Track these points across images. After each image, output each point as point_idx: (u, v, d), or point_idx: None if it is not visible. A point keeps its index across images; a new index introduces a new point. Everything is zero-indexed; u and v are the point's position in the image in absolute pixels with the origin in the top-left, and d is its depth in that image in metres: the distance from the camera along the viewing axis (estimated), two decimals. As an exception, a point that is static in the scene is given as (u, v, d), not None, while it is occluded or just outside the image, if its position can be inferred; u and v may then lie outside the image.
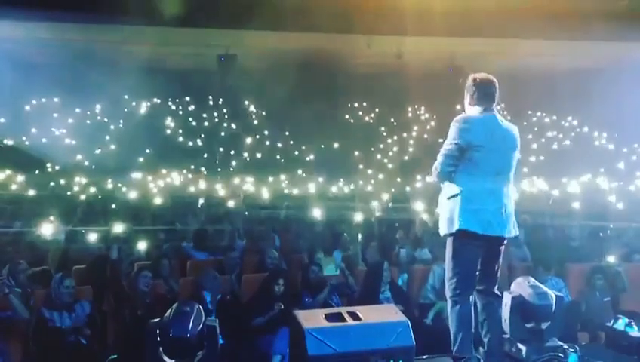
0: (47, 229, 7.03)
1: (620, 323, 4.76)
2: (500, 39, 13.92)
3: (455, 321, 3.89)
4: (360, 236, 9.11)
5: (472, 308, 3.96)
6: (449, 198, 3.87)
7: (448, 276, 3.95)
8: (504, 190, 3.87)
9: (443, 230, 3.94)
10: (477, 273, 3.95)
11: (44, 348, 5.06)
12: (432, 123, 21.68)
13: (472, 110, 3.92)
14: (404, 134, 21.39)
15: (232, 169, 18.58)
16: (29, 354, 5.08)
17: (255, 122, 21.95)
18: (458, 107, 18.90)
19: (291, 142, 20.47)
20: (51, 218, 8.34)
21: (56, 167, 17.37)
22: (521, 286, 4.49)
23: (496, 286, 4.08)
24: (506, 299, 4.35)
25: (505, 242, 3.97)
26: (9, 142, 17.90)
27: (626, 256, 7.39)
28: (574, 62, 16.17)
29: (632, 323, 4.72)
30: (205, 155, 19.62)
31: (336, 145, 20.09)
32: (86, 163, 17.84)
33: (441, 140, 4.04)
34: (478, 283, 3.99)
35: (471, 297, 3.93)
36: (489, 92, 3.89)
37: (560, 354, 4.26)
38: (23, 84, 16.42)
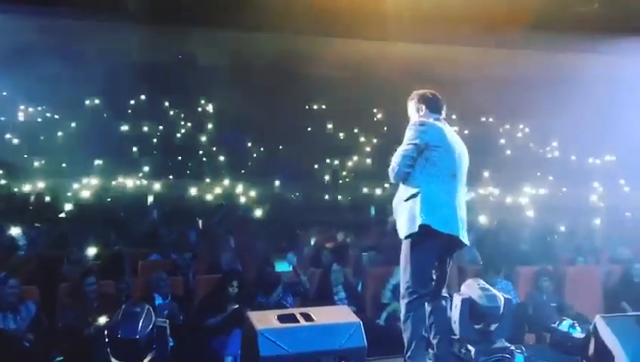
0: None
1: (565, 325, 4.91)
2: (453, 46, 14.19)
3: (410, 326, 3.89)
4: (315, 238, 9.16)
5: (424, 309, 3.98)
6: (407, 199, 3.89)
7: (405, 279, 3.93)
8: (458, 194, 3.94)
9: (403, 231, 3.92)
10: (431, 277, 3.98)
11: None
12: (389, 128, 21.93)
13: (423, 118, 4.04)
14: (362, 139, 21.56)
15: (188, 170, 18.39)
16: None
17: (211, 123, 21.74)
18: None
19: (249, 144, 20.38)
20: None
21: (6, 169, 16.82)
22: (471, 288, 4.58)
23: (445, 286, 4.12)
24: (456, 301, 4.43)
25: (461, 245, 4.01)
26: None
27: (571, 260, 7.64)
28: (520, 71, 16.57)
29: (576, 325, 4.88)
30: (161, 156, 19.33)
31: (294, 147, 20.09)
32: (36, 163, 17.34)
33: (397, 146, 4.08)
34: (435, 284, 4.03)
35: (426, 299, 3.95)
36: (438, 104, 4.07)
37: (507, 355, 4.35)
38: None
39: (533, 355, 4.47)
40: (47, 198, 12.95)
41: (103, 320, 4.00)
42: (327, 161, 20.17)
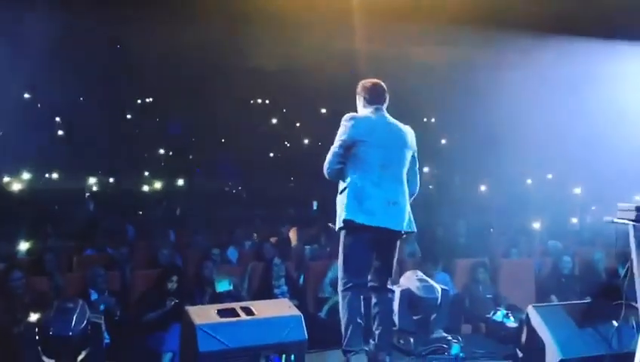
0: None
1: (499, 315, 5.09)
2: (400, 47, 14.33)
3: (345, 315, 3.93)
4: (256, 232, 9.11)
5: (363, 302, 3.99)
6: (340, 194, 3.97)
7: (340, 269, 4.01)
8: (392, 184, 3.94)
9: (336, 225, 4.00)
10: (368, 267, 4.00)
11: None
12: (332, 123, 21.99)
13: (364, 111, 4.08)
14: (304, 134, 21.61)
15: (129, 165, 17.94)
16: None
17: (152, 116, 21.28)
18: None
19: (193, 139, 20.07)
20: None
21: None
22: (410, 279, 4.67)
23: (390, 282, 4.16)
24: (395, 292, 4.51)
25: (396, 236, 4.00)
26: None
27: (506, 252, 7.89)
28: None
29: (509, 315, 5.06)
30: (97, 150, 18.74)
31: (237, 141, 19.92)
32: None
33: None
34: (373, 279, 4.04)
35: (361, 291, 3.96)
36: (377, 94, 4.07)
37: (444, 345, 4.48)
38: None
39: (469, 344, 4.60)
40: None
41: (34, 317, 3.83)
42: (271, 155, 20.13)
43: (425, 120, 22.48)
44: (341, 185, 3.97)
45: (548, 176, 17.77)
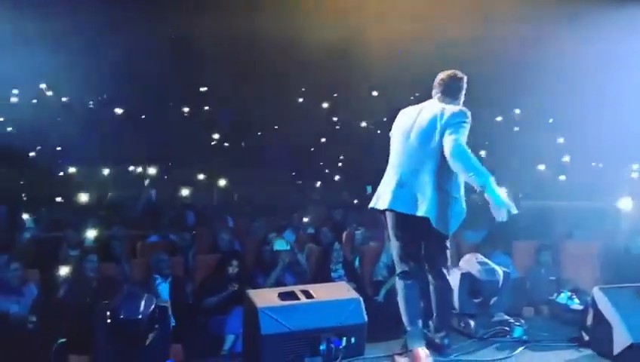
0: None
1: (563, 297, 4.96)
2: (451, 23, 14.02)
3: (400, 300, 3.96)
4: (314, 217, 9.18)
5: (420, 285, 3.98)
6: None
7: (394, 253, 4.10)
8: (406, 168, 3.84)
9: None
10: (410, 253, 3.93)
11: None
12: (386, 108, 21.82)
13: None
14: (357, 118, 21.48)
15: (183, 153, 18.33)
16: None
17: (204, 105, 21.63)
18: (412, 98, 19.16)
19: (243, 126, 20.30)
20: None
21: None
22: (470, 262, 4.62)
23: (438, 262, 3.97)
24: (455, 275, 4.47)
25: (415, 220, 3.76)
26: None
27: (568, 234, 7.67)
28: (521, 48, 16.41)
29: (574, 297, 4.93)
30: (154, 138, 19.24)
31: (288, 129, 20.02)
32: (32, 153, 17.24)
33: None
34: (424, 262, 4.00)
35: (412, 277, 3.93)
36: (446, 87, 3.96)
37: (506, 328, 4.42)
38: None
39: (531, 327, 4.52)
40: (45, 183, 12.94)
41: (104, 301, 4.00)
42: (323, 140, 20.13)
43: (479, 97, 21.93)
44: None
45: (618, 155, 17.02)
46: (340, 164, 18.29)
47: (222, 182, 14.18)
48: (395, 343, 4.17)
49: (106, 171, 15.60)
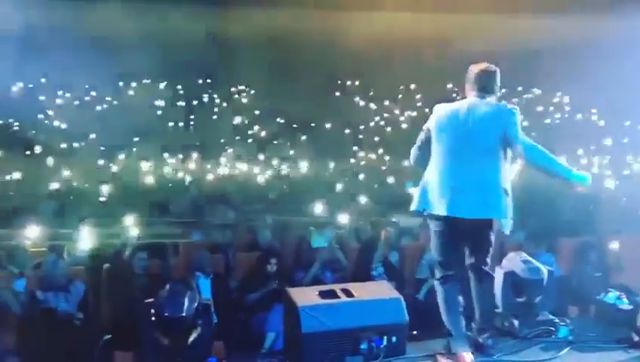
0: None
1: (611, 296, 4.82)
2: (488, 14, 13.84)
3: (441, 304, 3.91)
4: (351, 214, 9.13)
5: (460, 285, 3.93)
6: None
7: (433, 256, 4.03)
8: (460, 170, 3.73)
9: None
10: (455, 257, 3.90)
11: (39, 330, 5.06)
12: (423, 101, 21.64)
13: (468, 96, 3.93)
14: (396, 112, 21.36)
15: (222, 149, 18.53)
16: (23, 336, 5.07)
17: (244, 101, 21.83)
18: (449, 85, 19.03)
19: (282, 122, 20.40)
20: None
21: (45, 150, 17.26)
22: (513, 261, 4.53)
23: (485, 262, 3.96)
24: (498, 274, 4.39)
25: (472, 223, 3.74)
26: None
27: (616, 230, 7.45)
28: (562, 36, 16.05)
29: (622, 296, 4.78)
30: (195, 135, 19.54)
31: (328, 124, 20.05)
32: (75, 145, 17.72)
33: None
34: (467, 259, 3.95)
35: (453, 281, 3.88)
36: (480, 81, 3.86)
37: (551, 328, 4.32)
38: (9, 66, 16.22)
39: (577, 327, 4.40)
40: (88, 182, 13.25)
41: (148, 298, 4.08)
42: (360, 136, 20.07)
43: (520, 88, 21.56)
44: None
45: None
46: (373, 157, 18.20)
47: (260, 179, 14.28)
48: (436, 343, 4.12)
49: (148, 168, 15.88)
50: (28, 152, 17.33)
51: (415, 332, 4.31)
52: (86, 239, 6.75)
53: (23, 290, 5.42)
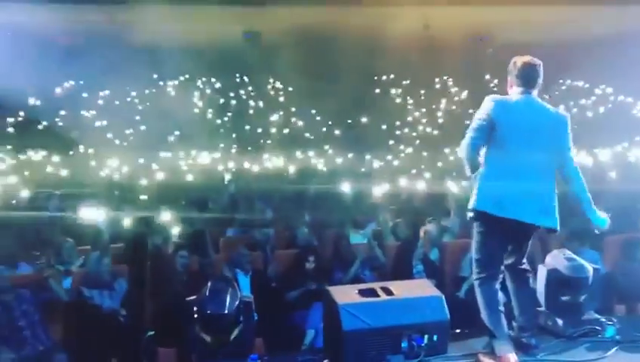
0: (88, 211, 7.16)
1: (660, 294, 4.68)
2: (528, 6, 13.58)
3: (481, 304, 3.84)
4: (390, 211, 9.09)
5: (499, 286, 3.86)
6: (474, 178, 3.77)
7: (473, 256, 3.90)
8: (529, 173, 3.68)
9: (468, 208, 3.86)
10: (500, 258, 3.84)
11: (84, 325, 5.19)
12: (461, 95, 21.38)
13: (511, 91, 3.86)
14: (433, 107, 21.15)
15: (259, 147, 18.66)
16: (69, 332, 5.22)
17: (281, 99, 21.92)
18: (488, 77, 18.70)
19: (318, 118, 20.43)
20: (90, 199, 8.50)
21: (89, 149, 17.71)
22: (557, 258, 4.44)
23: (522, 262, 3.94)
24: (541, 272, 4.31)
25: (531, 228, 3.77)
26: (43, 124, 18.33)
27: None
28: (604, 27, 15.63)
29: (672, 294, 4.64)
30: (233, 134, 19.74)
31: (364, 120, 20.01)
32: (117, 143, 18.11)
33: (471, 111, 3.97)
34: (506, 259, 3.89)
35: (495, 280, 3.82)
36: (527, 75, 3.79)
37: (597, 327, 4.22)
38: (53, 67, 16.64)
39: (625, 326, 4.28)
40: (129, 180, 13.52)
41: (190, 295, 4.15)
42: (397, 133, 19.94)
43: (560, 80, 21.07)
44: (479, 170, 3.76)
45: None
46: (409, 151, 18.05)
47: (297, 176, 14.32)
48: (478, 341, 4.07)
49: (187, 165, 16.12)
50: (71, 152, 17.84)
51: (457, 331, 4.26)
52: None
53: (69, 287, 5.58)
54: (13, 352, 4.56)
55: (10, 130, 18.37)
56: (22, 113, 18.52)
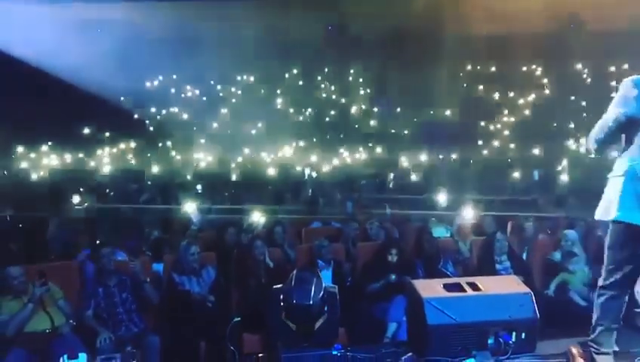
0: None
1: None
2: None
3: (598, 310, 3.51)
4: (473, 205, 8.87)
5: (626, 299, 3.47)
6: (612, 178, 3.33)
7: (604, 263, 3.48)
8: None
9: (597, 214, 3.43)
10: (633, 270, 3.37)
11: (175, 309, 5.41)
12: (552, 84, 20.53)
13: None
14: (521, 101, 20.47)
15: (341, 141, 18.75)
16: (161, 316, 5.45)
17: (365, 91, 21.91)
18: (579, 66, 17.80)
19: (398, 110, 20.26)
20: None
21: (176, 143, 18.44)
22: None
23: None
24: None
25: None
26: (134, 117, 19.27)
27: None
28: None
29: None
30: (315, 127, 19.95)
31: (448, 112, 19.66)
32: (202, 139, 18.74)
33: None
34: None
35: (621, 293, 3.43)
36: None
37: None
38: (143, 63, 17.43)
39: None
40: (215, 171, 13.97)
41: (275, 284, 4.24)
42: (482, 123, 19.45)
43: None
44: (616, 168, 3.32)
45: None
46: (496, 145, 17.54)
47: (379, 170, 14.29)
48: (568, 342, 3.90)
49: (270, 158, 16.45)
50: (160, 144, 18.64)
51: (546, 329, 4.12)
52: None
53: (160, 273, 5.84)
54: (111, 333, 4.82)
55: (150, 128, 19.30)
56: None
